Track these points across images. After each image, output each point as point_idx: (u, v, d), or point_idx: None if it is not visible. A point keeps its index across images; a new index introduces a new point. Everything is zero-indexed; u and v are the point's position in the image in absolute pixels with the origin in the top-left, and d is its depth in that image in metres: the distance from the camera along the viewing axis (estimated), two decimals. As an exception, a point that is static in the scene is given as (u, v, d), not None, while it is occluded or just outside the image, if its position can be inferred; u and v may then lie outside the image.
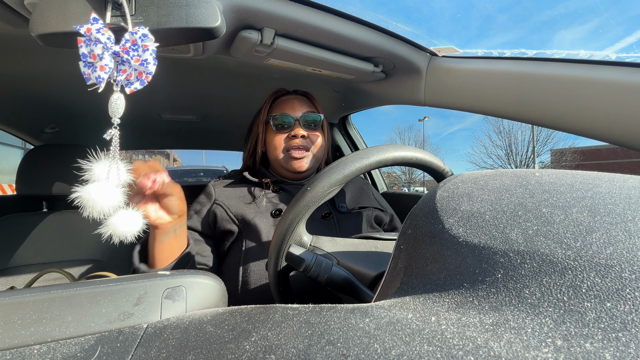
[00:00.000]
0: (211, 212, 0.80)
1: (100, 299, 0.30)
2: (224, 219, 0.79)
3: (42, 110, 1.29)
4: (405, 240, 0.30)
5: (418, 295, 0.23)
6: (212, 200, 0.82)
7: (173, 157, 26.06)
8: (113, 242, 0.46)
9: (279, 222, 0.48)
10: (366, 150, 0.46)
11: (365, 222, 0.85)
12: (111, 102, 0.42)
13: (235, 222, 0.78)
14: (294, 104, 0.86)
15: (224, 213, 0.79)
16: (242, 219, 0.77)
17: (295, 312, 0.24)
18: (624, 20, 26.50)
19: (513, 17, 44.94)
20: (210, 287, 0.34)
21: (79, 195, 0.41)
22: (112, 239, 0.45)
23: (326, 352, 0.18)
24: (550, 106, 0.66)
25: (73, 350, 0.26)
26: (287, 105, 0.86)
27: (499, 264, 0.21)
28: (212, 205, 0.81)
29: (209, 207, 0.81)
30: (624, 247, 0.19)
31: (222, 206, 0.80)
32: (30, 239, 1.10)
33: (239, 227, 0.77)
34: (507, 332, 0.17)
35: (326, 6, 0.68)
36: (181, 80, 1.10)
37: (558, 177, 0.27)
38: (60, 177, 1.13)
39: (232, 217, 0.78)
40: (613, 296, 0.17)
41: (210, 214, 0.80)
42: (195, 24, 0.45)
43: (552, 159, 22.60)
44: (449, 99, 0.86)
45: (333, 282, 0.45)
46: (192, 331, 0.26)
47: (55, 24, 0.43)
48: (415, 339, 0.18)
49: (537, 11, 43.00)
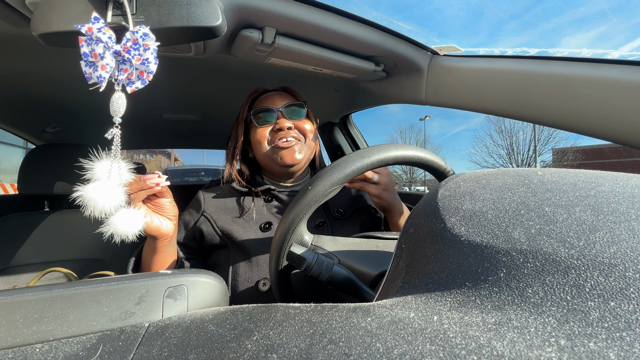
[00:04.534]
0: (197, 227, 0.77)
1: (102, 298, 0.30)
2: (210, 233, 0.76)
3: (43, 109, 1.29)
4: (406, 239, 0.30)
5: (420, 295, 0.23)
6: (200, 212, 0.79)
7: (174, 156, 26.10)
8: (114, 242, 0.46)
9: (280, 222, 0.48)
10: (367, 149, 0.46)
11: (360, 227, 0.83)
12: (112, 102, 0.42)
13: (221, 237, 0.75)
14: (274, 98, 0.82)
15: (210, 227, 0.76)
16: (229, 234, 0.74)
17: (297, 311, 0.24)
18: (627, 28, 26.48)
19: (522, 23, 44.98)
20: (211, 286, 0.34)
21: (81, 194, 0.41)
22: (114, 238, 0.45)
23: (328, 351, 0.18)
24: (552, 105, 0.66)
25: (75, 349, 0.26)
26: (267, 100, 0.82)
27: (501, 263, 0.21)
28: (200, 218, 0.78)
29: (196, 220, 0.78)
30: (628, 246, 0.19)
31: (208, 219, 0.77)
32: (32, 238, 1.10)
33: (225, 242, 0.74)
34: (510, 331, 0.17)
35: (327, 5, 0.68)
36: (182, 79, 1.10)
37: (560, 175, 0.27)
38: (62, 176, 1.14)
39: (217, 232, 0.75)
40: (617, 295, 0.17)
41: (196, 228, 0.77)
42: (196, 23, 0.45)
43: (554, 158, 22.55)
44: (450, 98, 0.86)
45: (334, 282, 0.45)
46: (193, 330, 0.26)
47: (57, 23, 0.43)
48: (418, 338, 0.18)
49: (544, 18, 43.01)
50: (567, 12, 50.65)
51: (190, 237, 0.78)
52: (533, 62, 0.68)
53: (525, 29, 47.44)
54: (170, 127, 1.69)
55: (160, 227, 0.58)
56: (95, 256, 1.15)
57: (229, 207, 0.79)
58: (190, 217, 0.80)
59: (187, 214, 0.81)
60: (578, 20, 48.23)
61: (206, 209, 0.79)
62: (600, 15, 33.10)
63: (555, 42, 30.88)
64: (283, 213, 0.80)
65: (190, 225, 0.78)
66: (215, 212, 0.78)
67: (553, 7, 51.73)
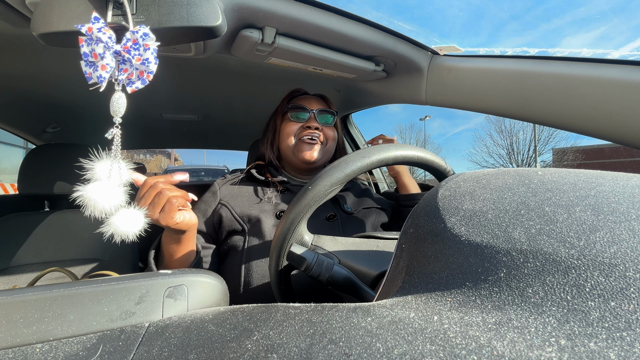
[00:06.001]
0: (216, 212, 0.81)
1: (102, 297, 0.30)
2: (229, 219, 0.79)
3: (43, 109, 1.29)
4: (407, 239, 0.30)
5: (420, 295, 0.23)
6: (217, 200, 0.82)
7: (174, 156, 26.09)
8: (115, 242, 0.46)
9: (280, 221, 0.48)
10: (368, 149, 0.46)
11: (369, 225, 0.86)
12: (113, 102, 0.42)
13: (240, 222, 0.78)
14: (311, 101, 0.90)
15: (229, 213, 0.79)
16: (248, 219, 0.78)
17: (297, 311, 0.24)
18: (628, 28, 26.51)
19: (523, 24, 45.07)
20: (212, 286, 0.34)
21: (81, 194, 0.41)
22: (114, 238, 0.45)
23: (328, 351, 0.18)
24: (552, 105, 0.66)
25: (75, 349, 0.26)
26: (305, 101, 0.90)
27: (501, 263, 0.21)
28: (217, 206, 0.81)
29: (214, 208, 0.81)
30: (628, 246, 0.19)
31: (227, 206, 0.80)
32: (32, 238, 1.10)
33: (243, 227, 0.77)
34: (510, 331, 0.17)
35: (327, 5, 0.68)
36: (182, 79, 1.10)
37: (561, 175, 0.27)
38: (62, 176, 1.13)
39: (237, 217, 0.78)
40: (617, 295, 0.17)
41: (215, 214, 0.81)
42: (196, 23, 0.45)
43: (554, 158, 22.52)
44: (450, 98, 0.86)
45: (334, 282, 0.45)
46: (193, 330, 0.26)
47: (57, 24, 0.43)
48: (418, 338, 0.18)
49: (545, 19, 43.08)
50: (567, 13, 50.73)
51: (209, 224, 0.81)
52: (533, 62, 0.68)
53: (526, 29, 47.51)
54: (170, 127, 1.69)
55: (191, 219, 0.59)
56: (95, 256, 1.15)
57: (244, 195, 0.83)
58: (207, 205, 0.83)
59: (202, 203, 0.84)
60: (579, 20, 48.29)
61: (222, 198, 0.82)
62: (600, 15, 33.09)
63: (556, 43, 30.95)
64: None
65: (208, 213, 0.81)
66: (232, 199, 0.82)
67: (554, 7, 51.79)
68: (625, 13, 15.57)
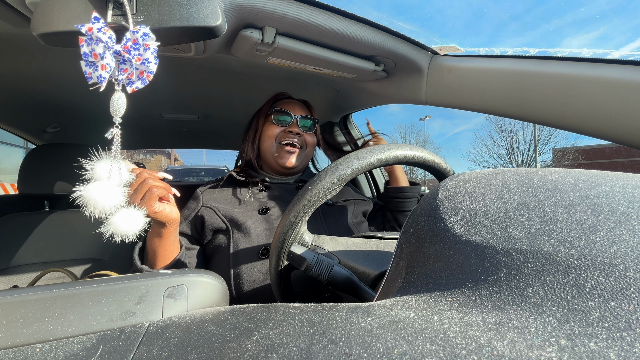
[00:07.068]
0: (198, 215, 0.82)
1: (102, 297, 0.30)
2: (212, 218, 0.81)
3: (43, 109, 1.29)
4: (407, 239, 0.30)
5: (420, 294, 0.23)
6: (200, 204, 0.84)
7: (174, 156, 26.08)
8: (114, 241, 0.46)
9: (280, 222, 0.48)
10: (368, 149, 0.46)
11: (350, 215, 0.90)
12: (112, 102, 0.42)
13: (224, 221, 0.80)
14: (294, 106, 0.94)
15: (213, 213, 0.81)
16: (231, 219, 0.79)
17: (297, 311, 0.24)
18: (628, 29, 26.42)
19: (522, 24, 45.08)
20: (212, 286, 0.34)
21: (81, 194, 0.41)
22: (114, 238, 0.45)
23: (328, 351, 0.18)
24: (552, 105, 0.66)
25: (75, 349, 0.26)
26: (288, 105, 0.94)
27: (501, 262, 0.21)
28: (200, 209, 0.83)
29: (197, 211, 0.83)
30: (628, 246, 0.19)
31: (210, 208, 0.83)
32: (32, 238, 1.10)
33: (227, 226, 0.79)
34: (510, 331, 0.17)
35: (327, 5, 0.68)
36: (182, 79, 1.10)
37: (561, 175, 0.27)
38: (62, 176, 1.13)
39: (221, 217, 0.80)
40: (617, 295, 0.17)
41: (197, 218, 0.82)
42: (196, 23, 0.45)
43: (554, 158, 22.51)
44: (450, 98, 0.86)
45: (334, 281, 0.45)
46: (193, 330, 0.26)
47: (57, 23, 0.43)
48: (418, 338, 0.18)
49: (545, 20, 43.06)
50: (568, 13, 50.70)
51: (192, 227, 0.83)
52: (533, 62, 0.68)
53: (527, 29, 47.56)
54: (170, 127, 1.69)
55: (171, 212, 0.61)
56: (95, 256, 1.15)
57: (227, 199, 0.86)
58: (190, 211, 0.85)
59: (185, 209, 0.86)
60: (579, 21, 48.27)
61: (206, 202, 0.85)
62: (601, 16, 33.15)
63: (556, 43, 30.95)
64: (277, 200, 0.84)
65: (190, 216, 0.84)
66: (215, 203, 0.84)
67: (554, 8, 51.79)
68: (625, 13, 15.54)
